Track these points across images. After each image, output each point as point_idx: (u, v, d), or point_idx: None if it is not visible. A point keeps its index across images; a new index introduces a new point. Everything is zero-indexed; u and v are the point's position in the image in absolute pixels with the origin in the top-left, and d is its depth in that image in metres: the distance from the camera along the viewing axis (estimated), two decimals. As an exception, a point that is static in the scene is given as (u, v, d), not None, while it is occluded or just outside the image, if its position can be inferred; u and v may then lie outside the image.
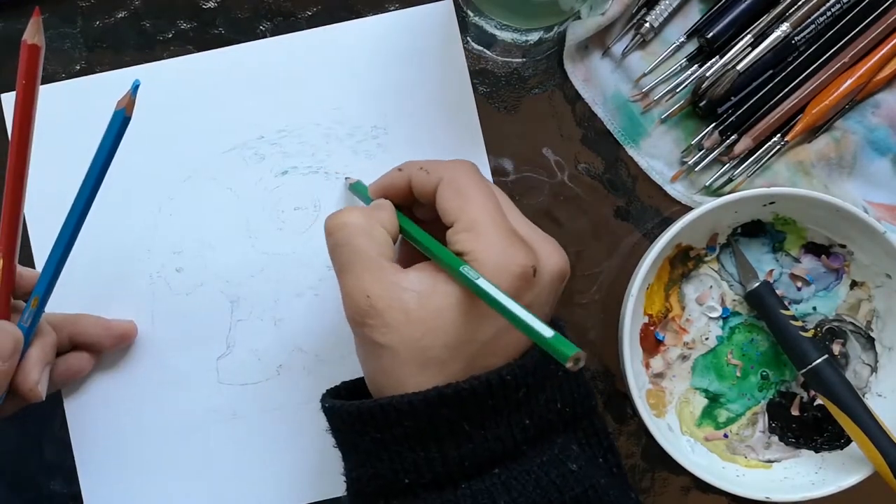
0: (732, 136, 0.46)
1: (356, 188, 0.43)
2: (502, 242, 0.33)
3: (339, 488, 0.45)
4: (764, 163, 0.46)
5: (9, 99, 0.46)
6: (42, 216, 0.45)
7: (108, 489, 0.45)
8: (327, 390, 0.38)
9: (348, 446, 0.35)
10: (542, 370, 0.33)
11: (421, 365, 0.32)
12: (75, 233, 0.38)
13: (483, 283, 0.31)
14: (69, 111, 0.46)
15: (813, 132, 0.46)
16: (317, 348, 0.46)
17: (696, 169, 0.46)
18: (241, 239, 0.46)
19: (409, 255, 0.38)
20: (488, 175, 0.46)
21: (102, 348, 0.44)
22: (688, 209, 0.46)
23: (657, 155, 0.47)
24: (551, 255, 0.35)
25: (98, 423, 0.45)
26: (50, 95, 0.46)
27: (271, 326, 0.46)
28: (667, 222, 0.46)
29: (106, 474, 0.45)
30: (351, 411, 0.33)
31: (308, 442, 0.45)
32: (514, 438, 0.32)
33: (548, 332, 0.29)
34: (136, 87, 0.34)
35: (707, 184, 0.46)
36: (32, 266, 0.46)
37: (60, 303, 0.41)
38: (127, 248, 0.46)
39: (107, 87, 0.46)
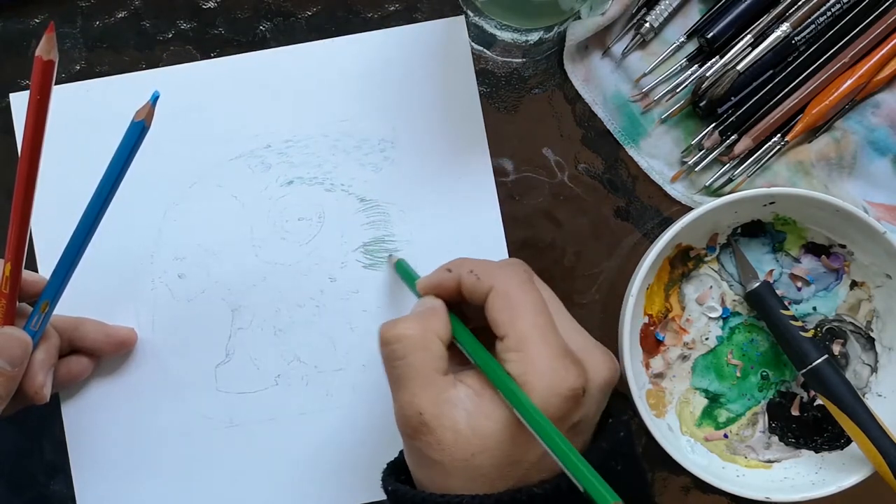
0: (732, 136, 0.45)
1: (400, 267, 0.42)
2: (552, 363, 0.32)
3: (331, 501, 0.45)
4: (764, 163, 0.45)
5: (16, 99, 0.46)
6: (44, 218, 0.44)
7: (102, 492, 0.44)
8: (388, 464, 0.37)
9: None
10: (612, 467, 0.33)
11: (469, 480, 0.32)
12: (87, 239, 0.37)
13: (531, 411, 0.31)
14: (73, 114, 0.45)
15: (813, 132, 0.46)
16: (316, 360, 0.45)
17: (697, 169, 0.46)
18: (245, 247, 0.45)
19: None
20: (491, 184, 0.45)
21: (102, 354, 0.44)
22: (688, 209, 0.46)
23: (657, 155, 0.46)
24: (600, 368, 0.34)
25: (94, 426, 0.45)
26: (55, 98, 0.45)
27: (271, 336, 0.45)
28: (667, 222, 0.46)
29: (100, 478, 0.45)
30: (416, 501, 0.33)
31: (303, 453, 0.45)
32: None
33: (590, 476, 0.28)
34: (155, 98, 0.34)
35: (707, 184, 0.46)
36: (35, 269, 0.45)
37: (61, 303, 0.40)
38: (130, 252, 0.45)
39: (113, 90, 0.46)
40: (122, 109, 0.44)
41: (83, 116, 0.45)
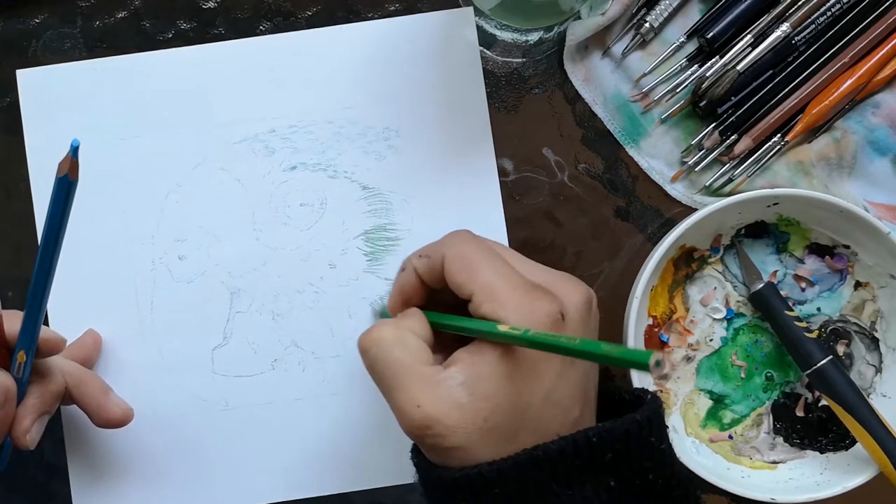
0: (732, 136, 0.44)
1: (383, 315, 0.41)
2: (523, 298, 0.32)
3: (323, 487, 0.44)
4: (764, 163, 0.44)
5: (24, 76, 0.44)
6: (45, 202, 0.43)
7: (96, 471, 0.43)
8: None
9: None
10: (634, 439, 0.32)
11: (493, 445, 0.31)
12: (45, 294, 0.35)
13: (532, 333, 0.30)
14: (79, 93, 0.44)
15: (813, 132, 0.44)
16: (313, 346, 0.44)
17: (697, 169, 0.45)
18: (246, 231, 0.44)
19: (442, 348, 0.36)
20: (495, 175, 0.44)
21: (88, 414, 0.41)
22: (688, 209, 0.45)
23: (657, 155, 0.45)
24: (572, 292, 0.33)
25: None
26: (60, 75, 0.44)
27: (269, 320, 0.44)
28: (667, 222, 0.45)
29: (94, 456, 0.43)
30: (435, 478, 0.32)
31: (298, 438, 0.44)
32: (600, 499, 0.31)
33: (614, 349, 0.27)
34: (74, 148, 0.30)
35: (707, 184, 0.45)
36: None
37: (61, 283, 0.38)
38: (131, 232, 0.44)
39: (121, 69, 0.44)
40: (131, 90, 0.44)
41: (89, 95, 0.44)
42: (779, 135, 0.44)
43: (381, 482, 0.44)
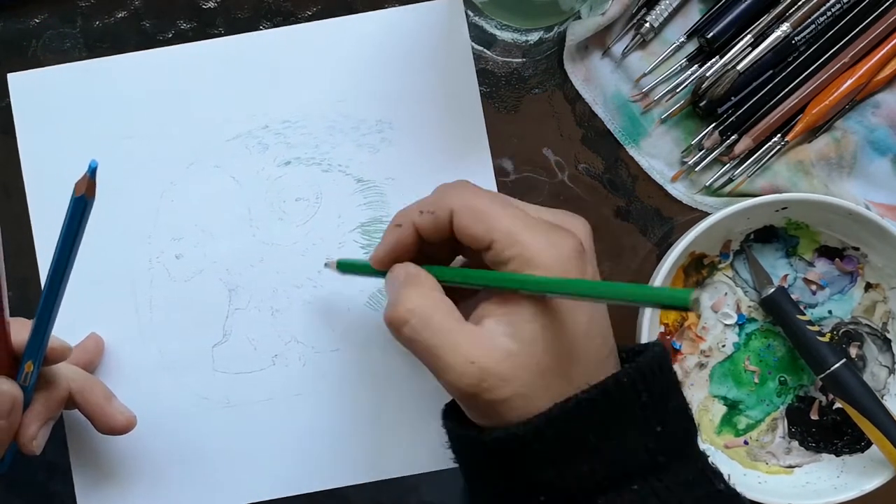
0: (732, 136, 0.42)
1: (346, 266, 0.38)
2: (546, 238, 0.30)
3: (326, 482, 0.41)
4: (764, 163, 0.42)
5: (15, 80, 0.42)
6: (44, 205, 0.42)
7: (99, 471, 0.41)
8: (447, 404, 0.34)
9: (472, 471, 0.31)
10: (663, 375, 0.30)
11: (549, 387, 0.29)
12: (54, 312, 0.33)
13: (558, 280, 0.29)
14: (73, 96, 0.42)
15: (813, 132, 0.42)
16: (313, 340, 0.42)
17: (697, 169, 0.42)
18: (242, 228, 0.42)
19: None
20: (492, 175, 0.42)
21: (91, 420, 0.39)
22: (689, 209, 0.42)
23: (657, 155, 0.43)
24: (578, 224, 0.33)
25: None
26: (57, 77, 0.42)
27: (268, 316, 0.42)
28: (669, 223, 0.43)
29: (97, 456, 0.41)
30: (474, 441, 0.30)
31: (300, 433, 0.42)
32: (647, 447, 0.29)
33: (654, 289, 0.27)
34: (92, 169, 0.29)
35: (707, 184, 0.42)
36: (35, 262, 0.42)
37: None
38: (128, 233, 0.42)
39: (113, 71, 0.42)
40: (123, 90, 0.42)
41: (82, 97, 0.42)
42: (779, 135, 0.42)
43: (384, 475, 0.41)
